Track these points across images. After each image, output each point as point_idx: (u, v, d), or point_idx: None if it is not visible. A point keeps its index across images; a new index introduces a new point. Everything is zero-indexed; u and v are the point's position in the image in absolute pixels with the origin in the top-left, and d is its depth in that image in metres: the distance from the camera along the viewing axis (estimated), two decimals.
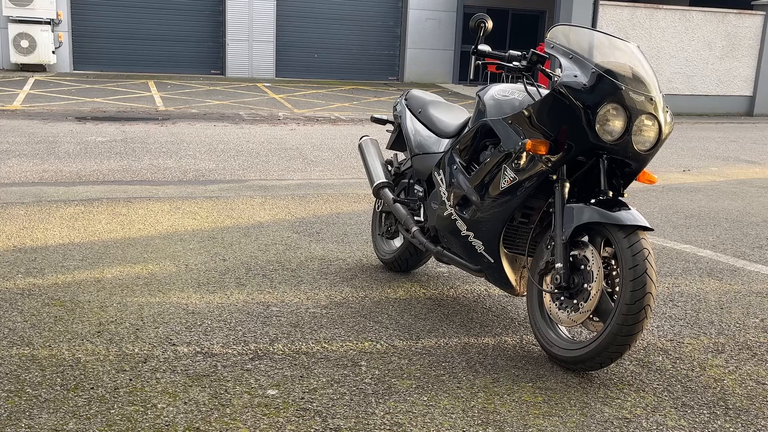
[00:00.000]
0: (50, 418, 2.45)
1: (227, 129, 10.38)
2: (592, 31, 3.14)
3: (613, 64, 2.92)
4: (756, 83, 16.81)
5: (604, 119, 2.85)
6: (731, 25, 16.32)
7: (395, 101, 4.38)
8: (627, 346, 2.79)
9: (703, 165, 9.23)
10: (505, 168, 3.17)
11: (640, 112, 2.87)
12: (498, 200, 3.21)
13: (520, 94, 3.23)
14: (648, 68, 2.99)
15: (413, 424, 2.52)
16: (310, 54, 17.78)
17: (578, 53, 2.98)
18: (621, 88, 2.84)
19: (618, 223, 2.79)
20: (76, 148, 8.24)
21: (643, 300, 2.71)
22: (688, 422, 2.63)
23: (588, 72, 2.90)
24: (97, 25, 16.13)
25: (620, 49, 3.02)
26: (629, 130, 2.86)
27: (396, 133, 4.24)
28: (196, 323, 3.31)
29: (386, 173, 4.15)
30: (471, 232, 3.36)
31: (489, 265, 3.33)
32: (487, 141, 3.37)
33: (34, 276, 3.87)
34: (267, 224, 5.16)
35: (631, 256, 2.74)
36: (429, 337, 3.29)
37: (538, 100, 3.05)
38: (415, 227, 3.76)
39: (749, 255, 4.95)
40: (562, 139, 2.96)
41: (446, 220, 3.51)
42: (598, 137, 2.86)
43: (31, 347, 2.99)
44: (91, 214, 5.21)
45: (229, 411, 2.55)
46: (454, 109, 4.05)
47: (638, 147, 2.90)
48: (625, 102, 2.84)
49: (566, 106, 2.92)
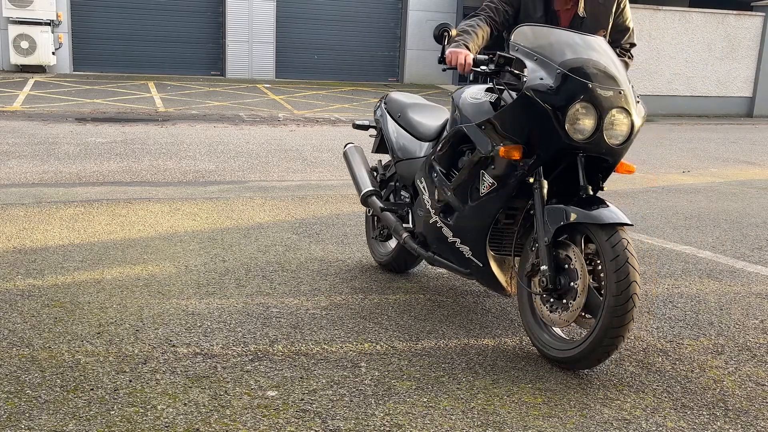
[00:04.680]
0: (50, 419, 2.46)
1: (227, 130, 10.38)
2: (555, 29, 3.12)
3: (578, 62, 2.88)
4: (755, 84, 16.82)
5: (574, 119, 2.84)
6: (731, 27, 16.33)
7: (375, 105, 4.39)
8: (620, 338, 2.79)
9: (703, 166, 9.23)
10: (482, 173, 3.17)
11: (610, 107, 2.85)
12: (479, 206, 3.22)
13: (492, 97, 3.19)
14: (616, 61, 2.98)
15: (413, 426, 2.52)
16: (310, 55, 17.78)
17: (542, 54, 2.94)
18: (588, 86, 2.82)
19: (598, 222, 2.81)
20: (76, 149, 8.24)
21: (628, 290, 2.73)
22: (687, 423, 2.63)
23: (553, 73, 2.86)
24: (97, 26, 16.12)
25: (585, 45, 2.98)
26: (600, 127, 2.85)
27: (379, 138, 4.23)
28: (195, 324, 3.31)
29: (372, 180, 4.15)
30: (457, 238, 3.37)
31: (478, 269, 3.34)
32: (464, 147, 3.36)
33: (33, 277, 3.87)
34: (267, 225, 5.16)
35: (611, 248, 2.76)
36: (429, 339, 3.29)
37: (508, 105, 3.03)
38: (405, 234, 3.75)
39: (749, 256, 4.95)
40: (534, 142, 2.95)
41: (432, 227, 3.52)
42: (570, 137, 2.85)
43: (31, 348, 2.99)
44: (90, 216, 5.21)
45: (229, 412, 2.55)
46: (434, 110, 4.03)
47: (611, 142, 2.90)
48: (593, 99, 2.82)
49: (535, 110, 2.90)
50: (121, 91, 13.70)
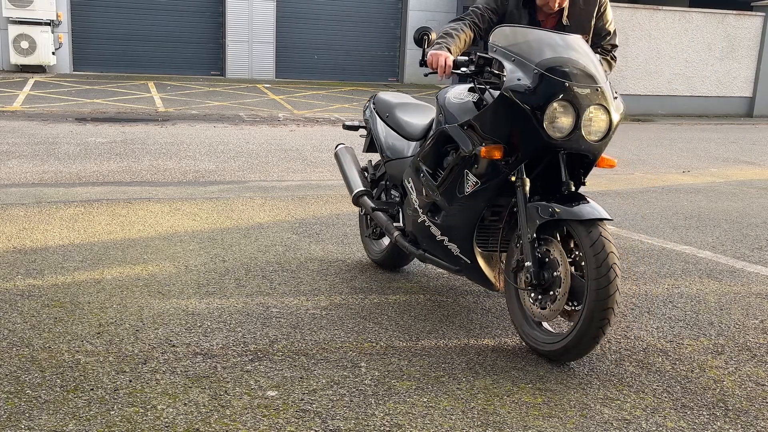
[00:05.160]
0: (50, 419, 2.46)
1: (227, 130, 10.38)
2: (533, 29, 3.16)
3: (554, 61, 2.93)
4: (755, 84, 16.82)
5: (552, 117, 2.90)
6: (731, 27, 16.33)
7: (364, 106, 4.44)
8: (606, 321, 2.84)
9: (703, 166, 9.23)
10: (467, 173, 3.23)
11: (588, 104, 2.91)
12: (465, 204, 3.27)
13: (475, 97, 3.23)
14: (594, 59, 3.03)
15: (413, 426, 2.52)
16: (310, 55, 17.78)
17: (519, 54, 2.99)
18: (565, 84, 2.87)
19: (578, 218, 2.88)
20: (76, 149, 8.24)
21: (608, 274, 2.79)
22: (687, 423, 2.63)
23: (530, 73, 2.92)
24: (97, 26, 16.11)
25: (564, 44, 3.02)
26: (579, 125, 2.91)
27: (369, 138, 4.29)
28: (195, 324, 3.31)
29: (363, 180, 4.21)
30: (445, 237, 3.43)
31: (467, 266, 3.40)
32: (449, 147, 3.41)
33: (33, 277, 3.87)
34: (267, 225, 5.16)
35: (590, 242, 2.84)
36: (429, 338, 3.29)
37: (488, 106, 3.09)
38: (397, 232, 3.80)
39: (749, 256, 4.95)
40: (515, 141, 3.02)
41: (421, 226, 3.57)
42: (549, 136, 2.91)
43: (31, 348, 3.00)
44: (90, 216, 5.21)
45: (228, 412, 2.55)
46: (421, 109, 4.08)
47: (590, 138, 2.96)
48: (570, 97, 2.88)
49: (514, 110, 2.95)
50: (121, 91, 13.70)
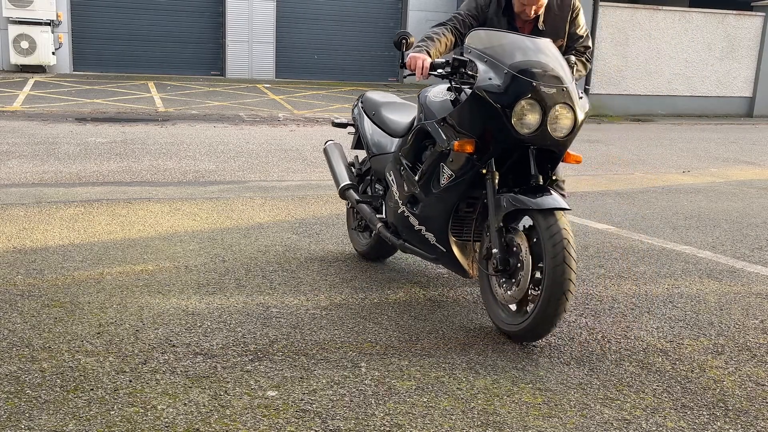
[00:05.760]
0: (50, 419, 2.46)
1: (227, 130, 10.38)
2: (506, 33, 3.39)
3: (525, 63, 3.14)
4: (755, 84, 16.82)
5: (521, 114, 3.11)
6: (731, 27, 16.33)
7: (353, 105, 4.66)
8: (564, 299, 3.02)
9: (703, 166, 9.23)
10: (442, 166, 3.45)
11: (554, 103, 3.12)
12: (441, 196, 3.49)
13: (452, 95, 3.44)
14: (561, 62, 3.25)
15: (413, 426, 2.52)
16: (310, 55, 17.77)
17: (492, 56, 3.20)
18: (532, 84, 3.08)
19: (538, 207, 3.10)
20: (76, 149, 8.24)
21: (564, 258, 2.99)
22: (687, 423, 2.63)
23: (501, 73, 3.13)
24: (97, 26, 16.10)
25: (535, 48, 3.24)
26: (545, 122, 3.12)
27: (357, 135, 4.52)
28: (195, 324, 3.32)
29: (350, 175, 4.48)
30: (423, 227, 3.64)
31: (442, 254, 3.61)
32: (427, 142, 3.63)
33: (33, 277, 3.87)
34: (267, 225, 5.16)
35: (548, 229, 3.06)
36: (429, 338, 3.29)
37: (462, 103, 3.30)
38: (380, 224, 4.01)
39: (749, 256, 4.96)
40: (487, 137, 3.23)
41: (400, 216, 3.79)
42: (517, 131, 3.12)
43: (31, 348, 3.00)
44: (90, 216, 5.21)
45: (229, 412, 2.55)
46: (406, 108, 4.30)
47: (556, 135, 3.17)
48: (538, 96, 3.09)
49: (486, 107, 3.17)
50: (120, 91, 13.70)
